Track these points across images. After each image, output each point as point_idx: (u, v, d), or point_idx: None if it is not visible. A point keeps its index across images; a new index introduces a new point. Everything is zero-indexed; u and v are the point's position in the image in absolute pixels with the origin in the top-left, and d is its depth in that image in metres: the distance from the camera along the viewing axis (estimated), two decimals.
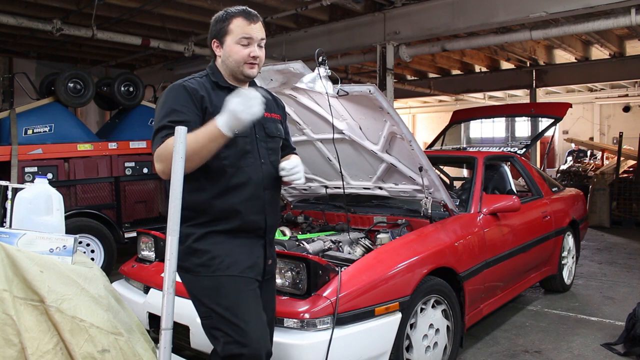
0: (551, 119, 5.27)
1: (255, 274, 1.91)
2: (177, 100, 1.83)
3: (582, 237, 5.19)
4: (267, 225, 1.95)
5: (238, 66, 1.91)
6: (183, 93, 1.84)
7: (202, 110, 1.84)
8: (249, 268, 1.89)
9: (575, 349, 3.48)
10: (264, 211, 1.93)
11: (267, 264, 1.98)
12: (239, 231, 1.89)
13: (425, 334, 2.76)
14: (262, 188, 1.93)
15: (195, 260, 1.85)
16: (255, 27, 1.90)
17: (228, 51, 1.90)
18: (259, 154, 1.94)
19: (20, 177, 4.89)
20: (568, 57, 10.77)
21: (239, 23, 1.89)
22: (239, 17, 1.89)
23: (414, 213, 3.42)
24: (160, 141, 1.77)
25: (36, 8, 6.75)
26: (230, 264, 1.85)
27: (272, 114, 2.06)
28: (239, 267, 1.87)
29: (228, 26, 1.89)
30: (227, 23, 1.90)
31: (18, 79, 6.56)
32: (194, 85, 1.87)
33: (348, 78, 11.23)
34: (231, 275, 1.85)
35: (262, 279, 1.96)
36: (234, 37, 1.89)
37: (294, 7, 6.85)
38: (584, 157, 14.62)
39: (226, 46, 1.91)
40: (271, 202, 1.97)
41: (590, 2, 5.67)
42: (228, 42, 1.90)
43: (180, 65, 10.17)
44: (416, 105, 21.37)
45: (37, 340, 1.54)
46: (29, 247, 1.74)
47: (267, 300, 2.02)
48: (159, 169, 1.77)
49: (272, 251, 2.06)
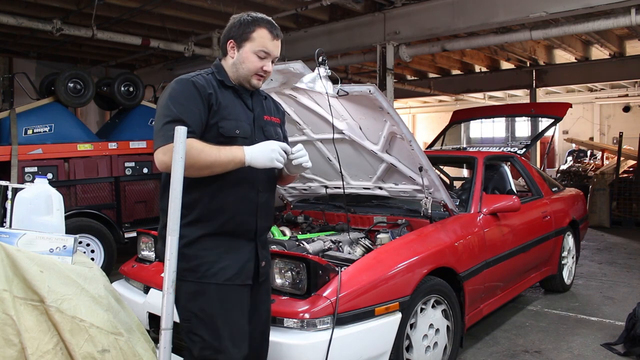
0: (551, 119, 5.27)
1: (243, 278, 1.90)
2: (185, 94, 1.81)
3: (582, 237, 5.19)
4: (257, 227, 1.93)
5: (248, 75, 1.90)
6: (191, 88, 1.82)
7: (208, 107, 1.83)
8: (236, 275, 1.87)
9: (575, 349, 3.48)
10: (255, 213, 1.92)
11: (260, 266, 1.96)
12: (228, 233, 1.88)
13: (425, 334, 2.76)
14: (256, 190, 1.92)
15: (182, 265, 1.80)
16: (277, 44, 1.91)
17: (244, 57, 1.89)
18: None
19: (20, 177, 4.89)
20: (568, 57, 10.77)
21: (262, 34, 1.88)
22: (264, 29, 1.88)
23: (414, 213, 3.42)
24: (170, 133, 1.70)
25: (36, 8, 6.76)
26: (216, 272, 1.84)
27: (272, 117, 2.05)
28: (226, 274, 1.85)
29: (251, 34, 1.88)
30: (251, 30, 1.88)
31: (18, 79, 6.56)
32: (201, 81, 1.85)
33: (348, 78, 11.23)
34: (217, 283, 1.84)
35: (255, 281, 1.95)
36: (254, 46, 1.88)
37: (294, 7, 6.85)
38: (584, 157, 14.62)
39: (243, 52, 1.89)
40: (264, 205, 1.96)
41: (590, 2, 5.67)
42: (246, 48, 1.88)
43: (180, 65, 10.17)
44: (416, 105, 21.38)
45: (37, 340, 1.54)
46: (29, 247, 1.74)
47: (261, 301, 2.02)
48: (163, 161, 1.72)
49: (266, 253, 2.04)
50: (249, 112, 1.94)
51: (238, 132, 1.86)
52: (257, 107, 1.98)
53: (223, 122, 1.83)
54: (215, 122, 1.82)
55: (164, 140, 1.74)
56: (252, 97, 1.98)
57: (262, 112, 2.00)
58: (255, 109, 1.97)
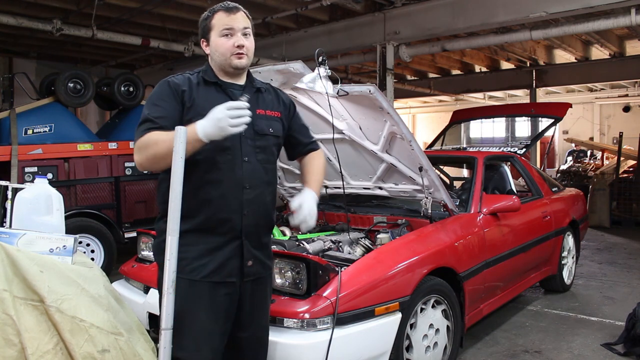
0: (551, 119, 5.27)
1: (223, 276, 1.86)
2: (159, 95, 1.88)
3: (582, 237, 5.19)
4: (243, 225, 1.88)
5: (225, 59, 1.90)
6: (166, 88, 1.89)
7: (182, 104, 1.86)
8: (213, 272, 1.85)
9: (575, 349, 3.48)
10: (240, 210, 1.87)
11: (245, 265, 1.90)
12: (207, 230, 1.85)
13: (425, 334, 2.76)
14: (242, 187, 1.87)
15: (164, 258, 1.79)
16: (236, 17, 1.90)
17: (214, 46, 1.92)
18: (241, 151, 1.89)
19: (20, 177, 4.89)
20: (568, 57, 10.77)
21: (219, 17, 1.91)
22: (219, 12, 1.92)
23: (414, 213, 3.42)
24: (141, 134, 1.79)
25: (36, 8, 6.75)
26: (194, 268, 1.83)
27: (268, 110, 2.01)
28: (204, 271, 1.84)
29: (210, 22, 1.92)
30: (209, 20, 1.93)
31: (18, 79, 6.56)
32: (177, 80, 1.91)
33: (348, 78, 11.22)
34: (192, 279, 1.83)
35: (242, 280, 1.91)
36: (216, 31, 1.91)
37: (294, 7, 6.85)
38: (584, 157, 14.62)
39: (212, 42, 1.92)
40: (253, 202, 1.89)
41: (590, 2, 5.67)
42: (213, 37, 1.92)
43: (180, 65, 10.16)
44: (416, 105, 21.37)
45: (37, 340, 1.54)
46: (29, 247, 1.74)
47: (256, 305, 1.97)
48: (137, 160, 1.80)
49: (260, 253, 1.97)
50: None
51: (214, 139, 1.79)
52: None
53: (198, 118, 1.77)
54: (190, 119, 1.81)
55: (135, 139, 1.81)
56: (243, 90, 1.96)
57: (253, 106, 1.91)
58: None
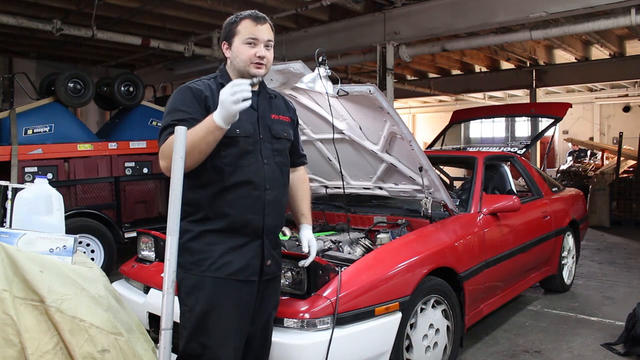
0: (551, 119, 5.27)
1: (247, 274, 1.93)
2: (182, 100, 1.90)
3: (582, 237, 5.19)
4: (265, 225, 1.96)
5: (245, 66, 1.94)
6: (188, 93, 1.91)
7: (206, 110, 1.88)
8: (239, 270, 1.91)
9: (575, 349, 3.48)
10: (262, 211, 1.94)
11: (265, 264, 1.98)
12: (232, 230, 1.91)
13: (425, 334, 2.76)
14: (263, 188, 1.94)
15: (188, 258, 1.90)
16: (262, 29, 1.94)
17: (236, 52, 1.95)
18: (261, 154, 1.96)
19: (20, 177, 4.89)
20: (568, 57, 10.76)
21: (246, 25, 1.94)
22: (247, 19, 1.95)
23: (414, 213, 3.42)
24: (164, 139, 1.82)
25: (36, 8, 6.75)
26: (220, 266, 1.89)
27: (280, 115, 2.08)
28: (229, 269, 1.89)
29: (236, 28, 1.95)
30: (235, 25, 1.96)
31: (18, 79, 6.56)
32: (199, 86, 1.94)
33: (348, 78, 11.22)
34: (218, 277, 1.88)
35: (260, 278, 1.97)
36: (241, 37, 1.94)
37: (294, 7, 6.85)
38: (584, 157, 14.62)
39: (234, 47, 1.96)
40: (273, 202, 1.98)
41: (590, 2, 5.67)
42: (236, 43, 1.95)
43: (180, 65, 10.16)
44: (416, 105, 21.37)
45: (37, 340, 1.54)
46: (29, 247, 1.74)
47: (266, 303, 2.04)
48: (163, 166, 1.83)
49: (275, 252, 2.06)
50: (253, 111, 1.96)
51: (238, 131, 1.89)
52: (262, 106, 2.01)
53: None
54: None
55: (159, 145, 1.85)
56: (259, 96, 2.01)
57: (268, 111, 2.03)
58: (259, 108, 2.00)
